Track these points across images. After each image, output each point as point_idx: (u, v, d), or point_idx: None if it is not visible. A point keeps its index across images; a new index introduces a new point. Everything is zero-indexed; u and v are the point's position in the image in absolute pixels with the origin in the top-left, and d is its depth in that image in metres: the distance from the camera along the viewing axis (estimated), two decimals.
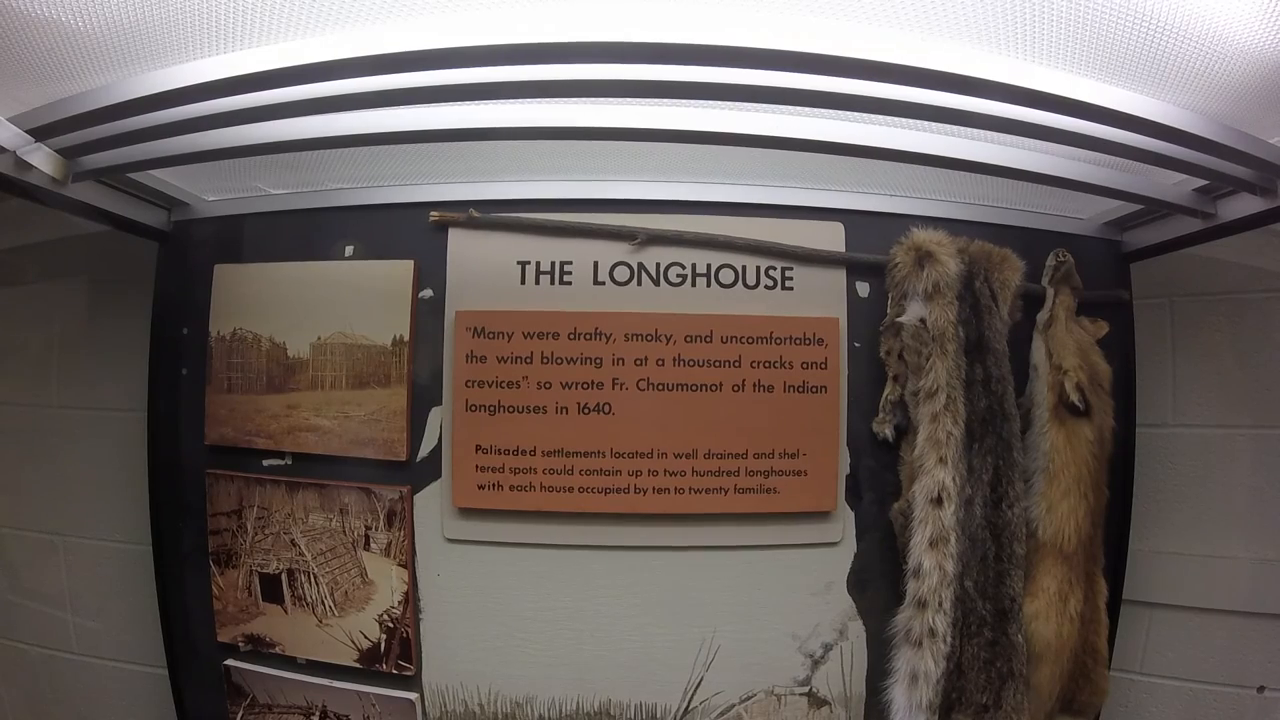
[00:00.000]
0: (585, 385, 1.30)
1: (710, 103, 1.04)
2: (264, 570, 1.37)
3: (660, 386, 1.30)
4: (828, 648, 1.34)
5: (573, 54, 0.83)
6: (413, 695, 1.33)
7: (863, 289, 1.36)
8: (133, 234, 1.40)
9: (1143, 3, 0.82)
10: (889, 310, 1.32)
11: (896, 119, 1.06)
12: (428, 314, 1.34)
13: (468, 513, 1.32)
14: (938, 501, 1.19)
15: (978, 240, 1.31)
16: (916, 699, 1.17)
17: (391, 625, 1.33)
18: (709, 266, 1.35)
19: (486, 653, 1.33)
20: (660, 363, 1.31)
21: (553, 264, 1.34)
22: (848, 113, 1.02)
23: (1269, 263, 1.43)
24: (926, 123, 1.06)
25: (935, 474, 1.20)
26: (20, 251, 1.62)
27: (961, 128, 1.02)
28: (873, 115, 1.04)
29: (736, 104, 1.04)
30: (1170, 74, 0.91)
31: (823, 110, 1.02)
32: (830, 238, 1.36)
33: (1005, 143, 1.11)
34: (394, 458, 1.32)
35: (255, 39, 0.88)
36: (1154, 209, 1.31)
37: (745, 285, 1.35)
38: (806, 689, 1.34)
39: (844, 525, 1.34)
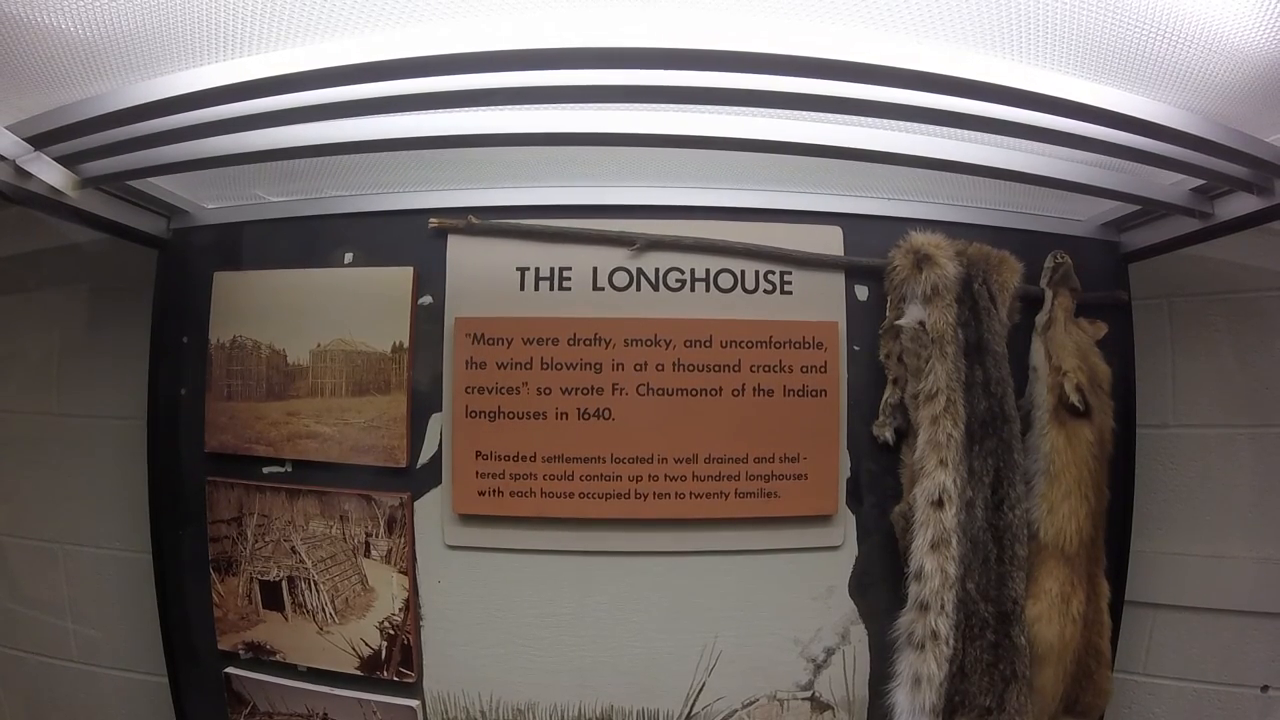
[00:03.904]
0: (585, 391, 1.30)
1: (708, 107, 1.04)
2: (264, 577, 1.37)
3: (660, 391, 1.30)
4: (830, 652, 1.33)
5: (570, 59, 0.83)
6: (414, 702, 1.33)
7: (862, 292, 1.36)
8: (132, 242, 1.41)
9: (1138, 3, 0.82)
10: (888, 313, 1.32)
11: (894, 122, 1.06)
12: (427, 320, 1.34)
13: (468, 519, 1.32)
14: (939, 504, 1.19)
15: (976, 243, 1.32)
16: (919, 702, 1.17)
17: (392, 632, 1.33)
18: (708, 271, 1.35)
19: (488, 659, 1.33)
20: (660, 368, 1.31)
21: (552, 270, 1.34)
22: (845, 116, 1.02)
23: (1267, 261, 1.43)
24: (924, 126, 1.06)
25: (936, 476, 1.20)
26: (19, 259, 1.62)
27: (958, 130, 1.02)
28: (870, 119, 1.04)
29: (734, 109, 1.04)
30: (1166, 74, 0.92)
31: (820, 114, 1.01)
32: (829, 241, 1.36)
33: (1002, 145, 1.11)
34: (394, 464, 1.32)
35: (255, 46, 0.89)
36: (1151, 209, 1.32)
37: (744, 290, 1.35)
38: (809, 693, 1.33)
39: (845, 529, 1.34)
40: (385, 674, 1.33)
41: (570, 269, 1.34)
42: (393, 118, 1.05)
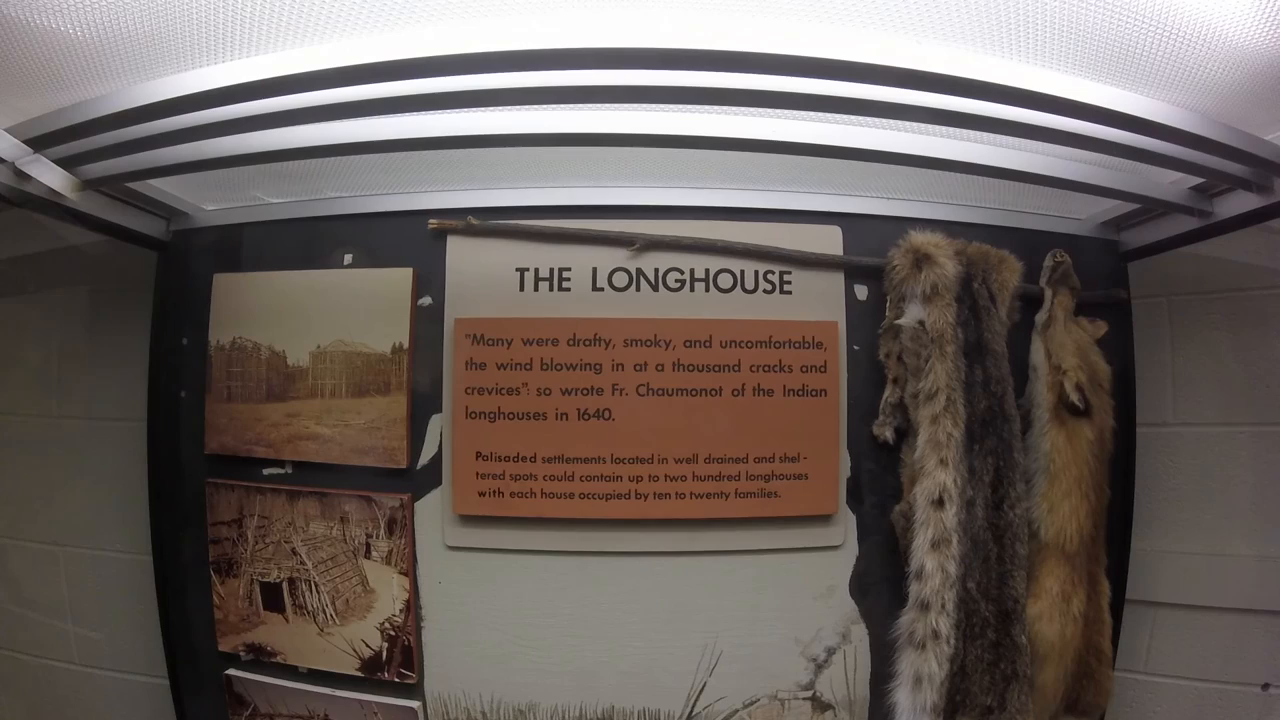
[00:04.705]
0: (585, 391, 1.30)
1: (708, 107, 1.04)
2: (265, 579, 1.37)
3: (660, 392, 1.30)
4: (831, 651, 1.33)
5: (570, 60, 0.83)
6: (415, 704, 1.33)
7: (861, 292, 1.36)
8: (132, 244, 1.41)
9: (1137, 1, 0.82)
10: (888, 313, 1.32)
11: (894, 122, 1.06)
12: (427, 321, 1.34)
13: (468, 520, 1.32)
14: (939, 503, 1.19)
15: (975, 242, 1.32)
16: (920, 701, 1.17)
17: (393, 633, 1.33)
18: (707, 271, 1.35)
19: (489, 660, 1.33)
20: (660, 368, 1.31)
21: (551, 270, 1.34)
22: (844, 116, 1.02)
23: (1266, 259, 1.43)
24: (924, 126, 1.06)
25: (936, 476, 1.20)
26: (19, 261, 1.62)
27: (958, 130, 1.02)
28: (870, 119, 1.04)
29: (733, 108, 1.04)
30: (1165, 72, 0.92)
31: (820, 114, 1.02)
32: (828, 241, 1.36)
33: (1002, 144, 1.11)
34: (394, 465, 1.32)
35: (255, 47, 0.89)
36: (1151, 208, 1.32)
37: (744, 289, 1.35)
38: (810, 693, 1.33)
39: (845, 528, 1.34)
40: (386, 675, 1.33)
41: (570, 269, 1.34)
42: (393, 118, 1.05)
